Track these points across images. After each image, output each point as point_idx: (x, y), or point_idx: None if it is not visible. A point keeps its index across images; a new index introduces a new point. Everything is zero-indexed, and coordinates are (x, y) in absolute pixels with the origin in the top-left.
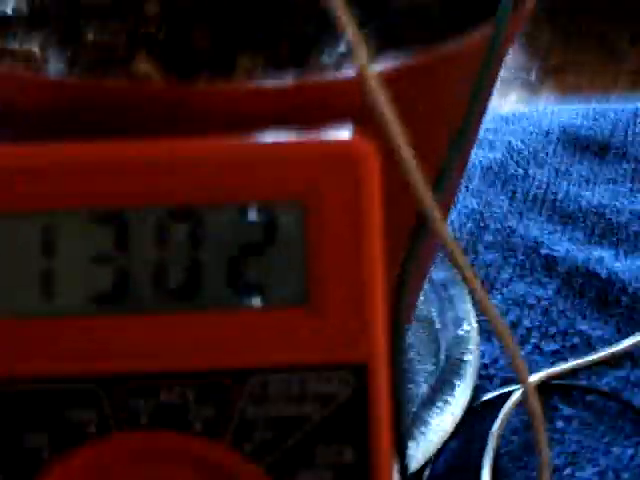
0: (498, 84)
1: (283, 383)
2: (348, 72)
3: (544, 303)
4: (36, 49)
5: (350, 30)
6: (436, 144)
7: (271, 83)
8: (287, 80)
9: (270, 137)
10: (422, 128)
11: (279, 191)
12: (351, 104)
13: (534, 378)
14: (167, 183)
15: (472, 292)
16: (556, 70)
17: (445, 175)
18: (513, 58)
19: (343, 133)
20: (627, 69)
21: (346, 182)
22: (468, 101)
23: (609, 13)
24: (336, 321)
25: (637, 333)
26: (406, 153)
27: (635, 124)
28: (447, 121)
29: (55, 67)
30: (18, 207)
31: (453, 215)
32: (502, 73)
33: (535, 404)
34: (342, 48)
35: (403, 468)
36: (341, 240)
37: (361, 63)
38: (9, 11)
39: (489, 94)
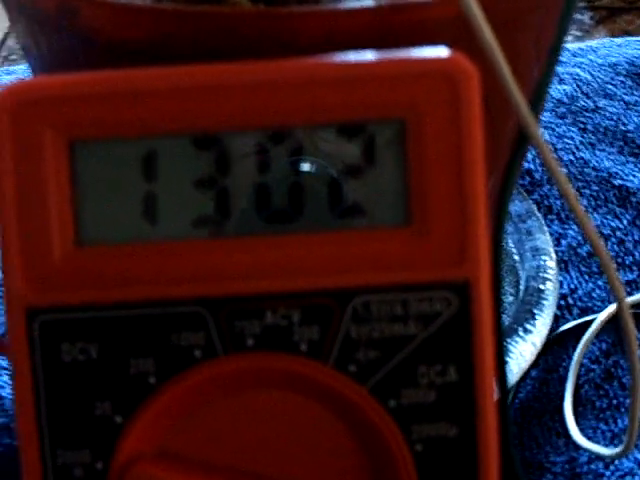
0: None
1: (386, 303)
2: None
3: (619, 234)
4: None
5: None
6: (527, 64)
7: (367, 3)
8: (382, 1)
9: (369, 55)
10: (515, 48)
11: (379, 110)
12: (448, 23)
13: (612, 307)
14: (265, 105)
15: (571, 208)
16: (610, 12)
17: (542, 90)
18: None
19: (442, 51)
20: None
21: (446, 99)
22: (559, 18)
23: None
24: (439, 240)
25: None
26: (504, 68)
27: None
28: (538, 40)
29: None
30: (120, 132)
31: None
32: None
33: (629, 321)
34: None
35: (503, 384)
36: (442, 159)
37: None
38: None
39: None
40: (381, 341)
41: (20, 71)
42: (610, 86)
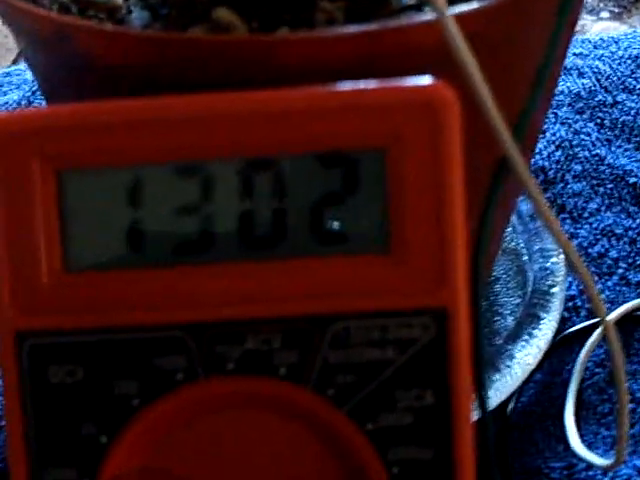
0: (589, 2)
1: (365, 329)
2: (427, 16)
3: (631, 233)
4: None
5: None
6: (517, 88)
7: (350, 30)
8: (366, 27)
9: (350, 85)
10: (502, 71)
11: (360, 139)
12: (432, 48)
13: (619, 310)
14: (249, 134)
15: (554, 236)
16: None
17: (526, 118)
18: None
19: (423, 79)
20: None
21: (427, 129)
22: (547, 43)
23: None
24: (417, 267)
25: None
26: (486, 96)
27: None
28: (527, 65)
29: (138, 17)
30: (106, 161)
31: (542, 144)
32: None
33: (614, 342)
34: None
35: (483, 408)
36: (422, 188)
37: (439, 6)
38: None
39: (569, 36)
40: (359, 366)
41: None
42: (630, 79)
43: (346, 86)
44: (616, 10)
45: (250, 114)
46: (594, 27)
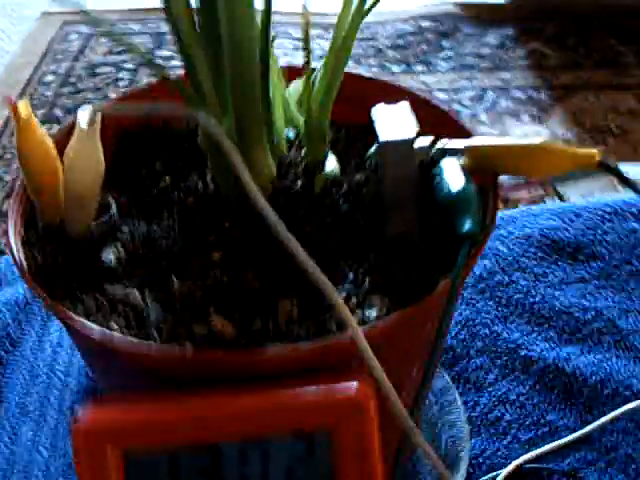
0: (510, 105)
1: None
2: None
3: (522, 399)
4: (135, 295)
5: (339, 304)
6: (412, 373)
7: (303, 347)
8: (300, 347)
9: (307, 388)
10: (401, 364)
11: (314, 425)
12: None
13: (511, 466)
14: (246, 422)
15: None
16: (566, 89)
17: (420, 400)
18: (523, 77)
19: (352, 385)
20: (635, 84)
21: (356, 418)
22: (434, 340)
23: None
24: None
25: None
26: (388, 389)
27: (604, 223)
28: (420, 355)
29: (154, 313)
30: (155, 442)
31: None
32: (514, 94)
33: None
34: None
35: None
36: (355, 455)
37: (352, 329)
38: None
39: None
40: None
41: None
42: (523, 259)
43: (306, 390)
44: (535, 113)
45: (247, 409)
46: (516, 131)
